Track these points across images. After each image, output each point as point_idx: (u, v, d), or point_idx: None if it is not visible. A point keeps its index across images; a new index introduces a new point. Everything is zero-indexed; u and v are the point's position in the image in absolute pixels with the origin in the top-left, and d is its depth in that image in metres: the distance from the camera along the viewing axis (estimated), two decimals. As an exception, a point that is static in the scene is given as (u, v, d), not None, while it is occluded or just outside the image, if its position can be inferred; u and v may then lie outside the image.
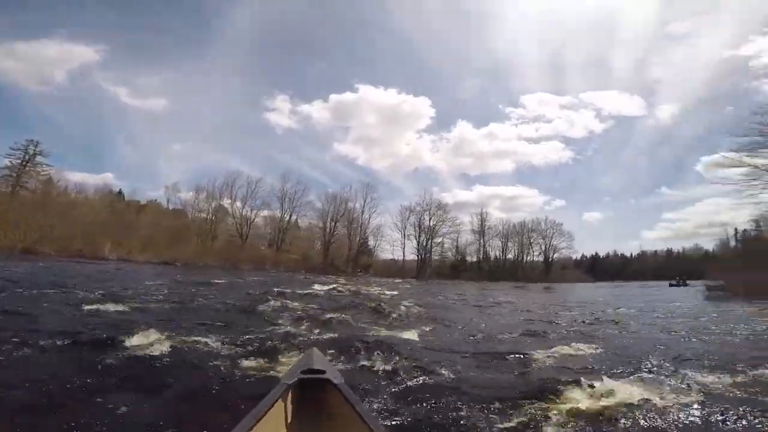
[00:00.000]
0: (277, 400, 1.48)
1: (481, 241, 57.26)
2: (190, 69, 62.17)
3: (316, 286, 17.15)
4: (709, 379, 3.81)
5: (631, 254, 73.82)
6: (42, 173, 35.76)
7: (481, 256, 57.69)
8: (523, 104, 69.10)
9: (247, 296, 10.70)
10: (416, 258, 52.39)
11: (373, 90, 64.68)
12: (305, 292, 13.72)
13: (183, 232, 37.91)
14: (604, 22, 70.51)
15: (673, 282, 40.26)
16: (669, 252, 72.58)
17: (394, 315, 8.51)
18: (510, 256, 59.02)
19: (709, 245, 59.87)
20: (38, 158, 35.62)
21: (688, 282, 39.98)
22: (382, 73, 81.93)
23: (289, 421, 1.56)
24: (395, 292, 18.06)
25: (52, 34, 55.97)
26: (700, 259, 59.84)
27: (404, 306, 10.77)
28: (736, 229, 51.43)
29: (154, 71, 63.13)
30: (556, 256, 59.96)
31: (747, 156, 18.93)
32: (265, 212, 46.91)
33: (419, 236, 51.87)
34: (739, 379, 3.88)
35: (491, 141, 67.31)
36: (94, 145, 58.95)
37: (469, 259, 57.23)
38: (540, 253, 59.63)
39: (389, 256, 52.62)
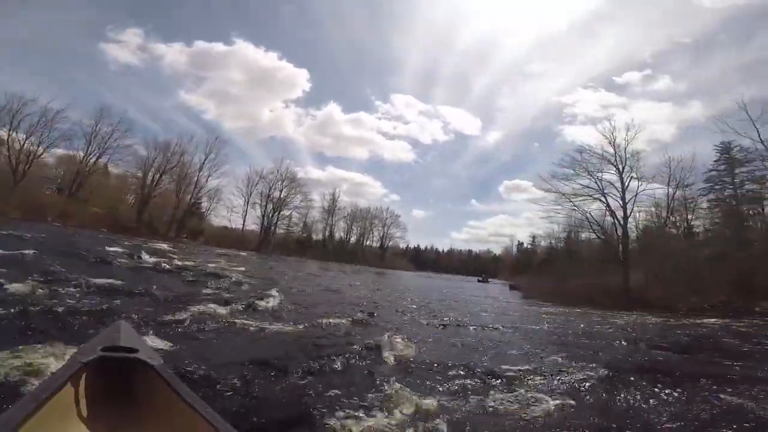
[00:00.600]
0: (66, 382, 1.23)
1: (330, 220, 57.54)
2: None
3: (116, 250, 13.42)
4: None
5: (443, 249, 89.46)
6: None
7: (327, 235, 58.06)
8: (392, 101, 76.92)
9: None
10: (259, 229, 48.35)
11: (253, 48, 63.13)
12: (95, 257, 10.52)
13: None
14: (484, 45, 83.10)
15: (480, 278, 50.14)
16: (470, 252, 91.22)
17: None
18: (352, 238, 61.56)
19: (497, 250, 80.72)
20: None
21: (489, 279, 50.72)
22: (269, 35, 78.46)
23: (83, 407, 1.29)
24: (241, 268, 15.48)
25: None
26: (491, 261, 78.78)
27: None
28: (519, 242, 69.44)
29: None
30: (390, 243, 66.32)
31: (534, 185, 24.78)
32: (61, 151, 34.57)
33: (266, 205, 47.92)
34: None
35: (355, 128, 73.28)
36: None
37: (314, 237, 56.77)
38: (378, 240, 64.56)
39: (224, 223, 47.04)
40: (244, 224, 47.48)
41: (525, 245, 63.70)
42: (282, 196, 48.53)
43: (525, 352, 5.59)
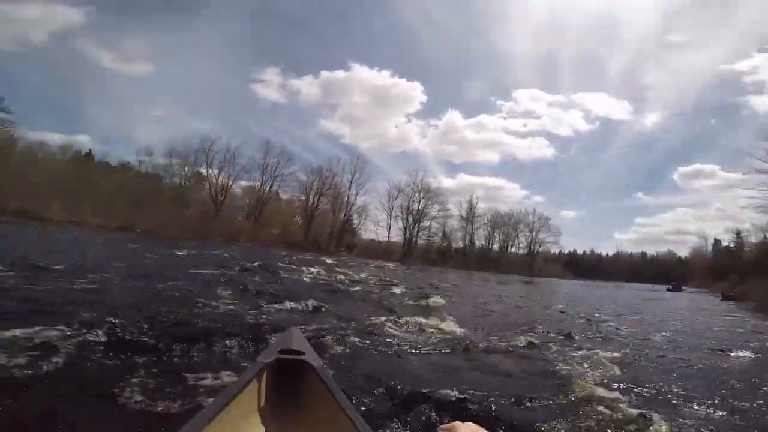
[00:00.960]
0: (251, 380, 1.44)
1: (468, 228, 55.67)
2: (178, 35, 59.19)
3: (301, 267, 14.95)
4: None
5: (606, 254, 74.83)
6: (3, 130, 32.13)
7: (468, 244, 56.24)
8: (514, 98, 68.16)
9: (218, 271, 9.56)
10: (402, 240, 50.22)
11: (367, 70, 63.83)
12: (286, 271, 12.36)
13: (151, 198, 33.96)
14: (604, 24, 71.25)
15: (670, 287, 39.97)
16: (643, 255, 73.91)
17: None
18: (495, 246, 57.99)
19: (681, 251, 64.62)
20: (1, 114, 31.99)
21: (683, 288, 39.99)
22: (377, 55, 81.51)
23: (263, 401, 1.54)
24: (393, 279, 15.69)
25: None
26: (676, 264, 63.03)
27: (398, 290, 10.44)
28: (715, 239, 53.05)
29: (141, 36, 60.02)
30: (540, 249, 59.80)
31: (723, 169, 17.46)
32: (244, 183, 43.49)
33: (406, 218, 49.52)
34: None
35: (479, 131, 66.99)
36: (74, 107, 55.33)
37: (454, 245, 55.77)
38: (525, 246, 59.09)
39: (371, 236, 50.50)
40: (389, 236, 50.15)
41: (727, 243, 48.68)
42: (420, 207, 49.39)
43: None
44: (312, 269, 14.24)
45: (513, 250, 59.44)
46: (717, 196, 64.06)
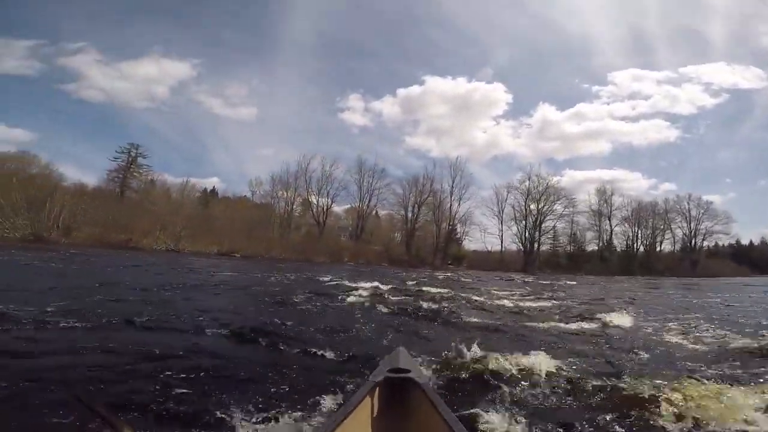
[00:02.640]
0: (364, 398, 1.53)
1: (603, 225, 45.31)
2: (269, 79, 64.29)
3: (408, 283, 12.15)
4: None
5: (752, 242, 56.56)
6: (144, 174, 38.39)
7: (603, 244, 45.73)
8: (612, 81, 59.56)
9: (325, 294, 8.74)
10: (521, 247, 42.98)
11: (441, 80, 60.80)
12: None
13: (257, 224, 34.87)
14: None
15: None
16: None
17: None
18: (639, 244, 46.05)
19: None
20: (139, 160, 38.21)
21: None
22: (447, 63, 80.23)
23: (374, 418, 1.60)
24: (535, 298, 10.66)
25: (148, 52, 56.68)
26: None
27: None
28: None
29: (241, 83, 66.72)
30: (704, 243, 45.97)
31: None
32: (345, 206, 42.73)
33: (525, 220, 42.31)
34: None
35: (580, 122, 59.42)
36: (197, 152, 63.08)
37: (587, 248, 45.83)
38: (680, 240, 45.80)
39: (478, 246, 44.43)
40: (501, 244, 43.53)
41: None
42: (540, 207, 41.77)
43: None
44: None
45: (664, 247, 46.70)
46: None
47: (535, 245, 42.17)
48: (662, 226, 46.60)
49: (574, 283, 21.03)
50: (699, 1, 61.19)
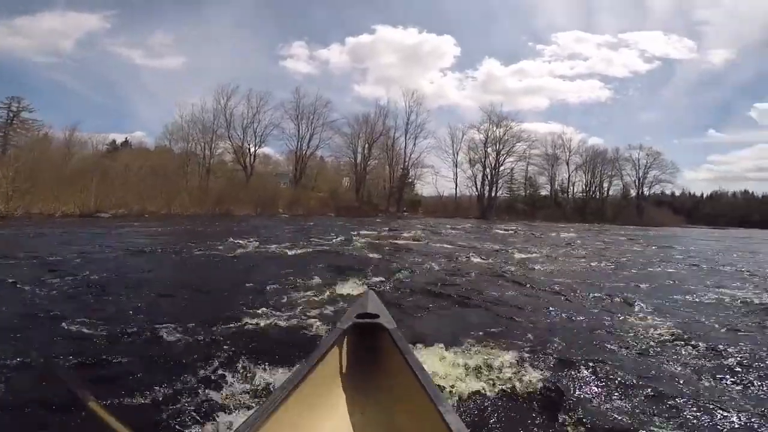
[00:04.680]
0: (332, 345, 1.51)
1: (559, 170, 43.65)
2: (198, 25, 58.11)
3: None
4: None
5: (702, 194, 63.09)
6: (33, 129, 31.27)
7: (557, 190, 44.56)
8: (556, 41, 64.05)
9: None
10: (476, 192, 40.01)
11: (392, 30, 60.79)
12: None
13: (168, 174, 26.91)
14: None
15: None
16: (747, 193, 60.95)
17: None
18: (593, 191, 45.55)
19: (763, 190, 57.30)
20: (25, 115, 31.74)
21: None
22: (400, 13, 77.29)
23: (343, 365, 1.58)
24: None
25: (49, 4, 49.01)
26: None
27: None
28: None
29: (166, 31, 58.50)
30: (651, 192, 46.67)
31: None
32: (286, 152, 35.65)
33: (484, 162, 38.90)
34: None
35: (522, 78, 61.21)
36: (118, 107, 53.66)
37: (542, 193, 44.40)
38: (624, 188, 46.05)
39: (430, 191, 40.88)
40: (456, 189, 40.23)
41: None
42: (499, 148, 38.33)
43: None
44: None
45: (613, 194, 46.94)
46: None
47: (492, 190, 39.31)
48: (612, 173, 46.39)
49: (574, 234, 17.91)
50: None
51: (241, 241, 8.77)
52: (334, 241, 9.84)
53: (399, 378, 1.38)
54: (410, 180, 39.25)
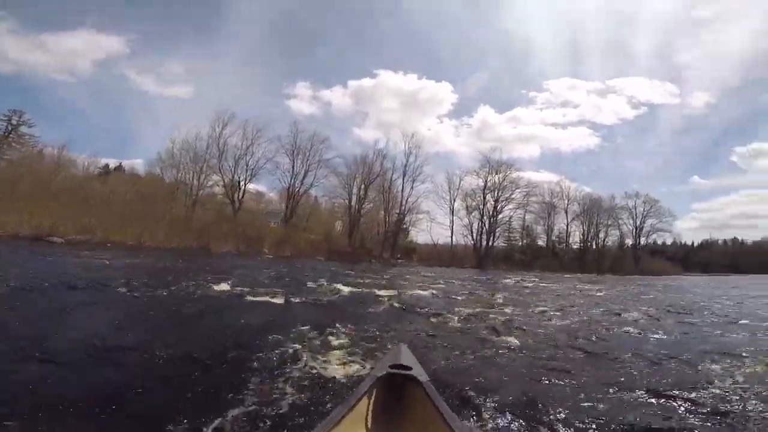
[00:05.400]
0: (365, 393, 1.52)
1: (556, 219, 43.05)
2: (209, 58, 59.75)
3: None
4: None
5: (692, 243, 66.29)
6: (27, 145, 30.98)
7: (555, 239, 43.65)
8: (548, 89, 66.66)
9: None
10: (472, 241, 38.72)
11: (393, 75, 64.62)
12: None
13: (154, 203, 25.47)
14: (622, 4, 67.07)
15: None
16: (737, 241, 64.92)
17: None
18: (591, 240, 44.72)
19: (750, 237, 61.28)
20: (23, 129, 31.49)
21: None
22: (401, 58, 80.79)
23: (374, 414, 1.57)
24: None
25: (77, 24, 52.48)
26: None
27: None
28: None
29: (177, 60, 59.84)
30: (647, 241, 46.77)
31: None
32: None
33: (482, 210, 38.01)
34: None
35: (515, 125, 64.18)
36: (122, 132, 54.66)
37: (539, 243, 43.34)
38: (621, 237, 45.58)
39: (424, 239, 39.54)
40: (452, 236, 38.97)
41: None
42: (497, 195, 37.71)
43: None
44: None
45: (609, 243, 46.21)
46: None
47: (490, 239, 38.08)
48: (609, 222, 45.98)
49: (582, 283, 16.30)
50: (630, 17, 66.21)
51: (198, 282, 7.06)
52: (319, 290, 8.12)
53: (432, 429, 1.37)
54: (405, 226, 38.02)
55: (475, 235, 38.64)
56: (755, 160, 65.24)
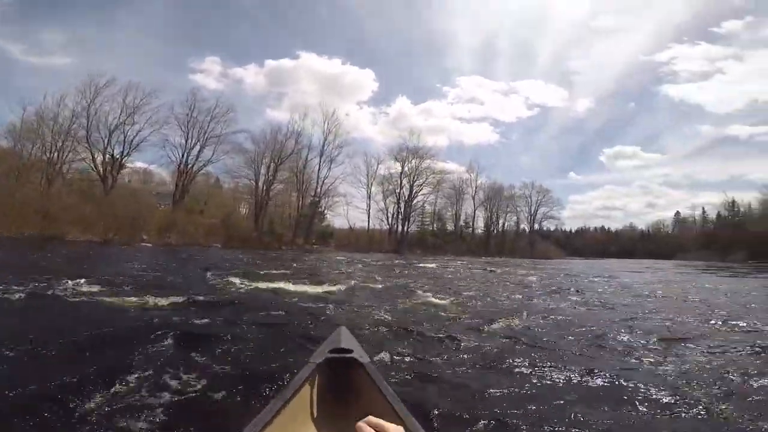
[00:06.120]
0: (305, 380, 1.46)
1: (464, 206, 45.12)
2: (105, 27, 50.11)
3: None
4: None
5: (570, 229, 75.36)
6: None
7: (463, 225, 45.89)
8: (459, 85, 71.85)
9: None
10: (387, 225, 38.29)
11: (316, 58, 63.38)
12: None
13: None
14: (538, 9, 72.89)
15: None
16: (604, 229, 76.12)
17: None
18: (494, 226, 48.31)
19: (612, 225, 75.64)
20: None
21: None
22: (326, 43, 78.33)
23: (317, 400, 1.52)
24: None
25: None
26: (637, 239, 68.16)
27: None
28: (703, 209, 57.15)
29: (60, 28, 49.50)
30: (540, 227, 51.94)
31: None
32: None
33: (399, 195, 37.57)
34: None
35: (427, 117, 65.37)
36: None
37: (448, 228, 45.07)
38: (519, 223, 50.43)
39: (340, 223, 37.91)
40: (369, 221, 38.03)
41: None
42: (412, 181, 37.61)
43: None
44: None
45: (507, 228, 50.67)
46: (637, 174, 76.47)
47: (405, 224, 38.06)
48: (508, 209, 50.13)
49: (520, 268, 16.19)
50: (538, 23, 71.59)
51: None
52: (196, 288, 5.77)
53: (377, 412, 1.14)
54: (321, 209, 35.58)
55: (391, 219, 38.40)
56: (616, 161, 76.37)
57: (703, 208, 57.23)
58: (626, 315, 5.60)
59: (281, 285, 6.92)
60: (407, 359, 3.02)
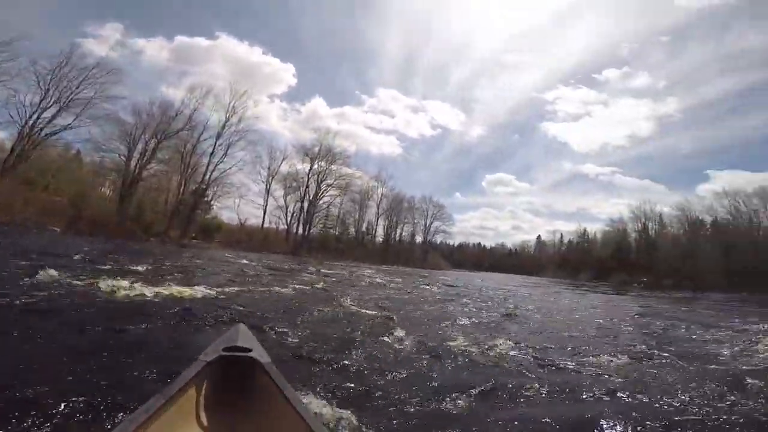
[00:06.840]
0: (191, 379, 1.31)
1: (367, 213, 45.25)
2: None
3: None
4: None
5: (453, 243, 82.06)
6: None
7: (365, 231, 45.96)
8: (377, 95, 74.20)
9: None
10: (285, 224, 35.88)
11: (236, 42, 61.88)
12: None
13: None
14: (462, 36, 77.61)
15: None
16: (480, 246, 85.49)
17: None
18: (395, 234, 49.61)
19: (487, 242, 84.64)
20: None
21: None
22: (252, 30, 74.46)
23: (206, 402, 1.37)
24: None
25: None
26: (505, 256, 76.16)
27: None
28: (561, 236, 65.95)
29: None
30: (434, 239, 55.42)
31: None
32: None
33: (303, 191, 35.44)
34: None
35: (340, 122, 67.42)
36: None
37: (350, 233, 44.57)
38: (411, 234, 53.00)
39: (229, 217, 34.17)
40: (264, 217, 35.05)
41: (569, 239, 62.74)
42: (319, 180, 36.02)
43: None
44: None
45: (404, 238, 52.70)
46: (509, 200, 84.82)
47: (308, 225, 36.18)
48: (406, 220, 52.16)
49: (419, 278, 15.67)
50: (458, 50, 76.79)
51: None
52: None
53: (277, 414, 1.26)
54: (208, 198, 31.13)
55: (291, 218, 35.99)
56: (495, 186, 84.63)
57: (561, 234, 66.66)
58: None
59: (122, 283, 5.01)
60: (315, 364, 2.90)
